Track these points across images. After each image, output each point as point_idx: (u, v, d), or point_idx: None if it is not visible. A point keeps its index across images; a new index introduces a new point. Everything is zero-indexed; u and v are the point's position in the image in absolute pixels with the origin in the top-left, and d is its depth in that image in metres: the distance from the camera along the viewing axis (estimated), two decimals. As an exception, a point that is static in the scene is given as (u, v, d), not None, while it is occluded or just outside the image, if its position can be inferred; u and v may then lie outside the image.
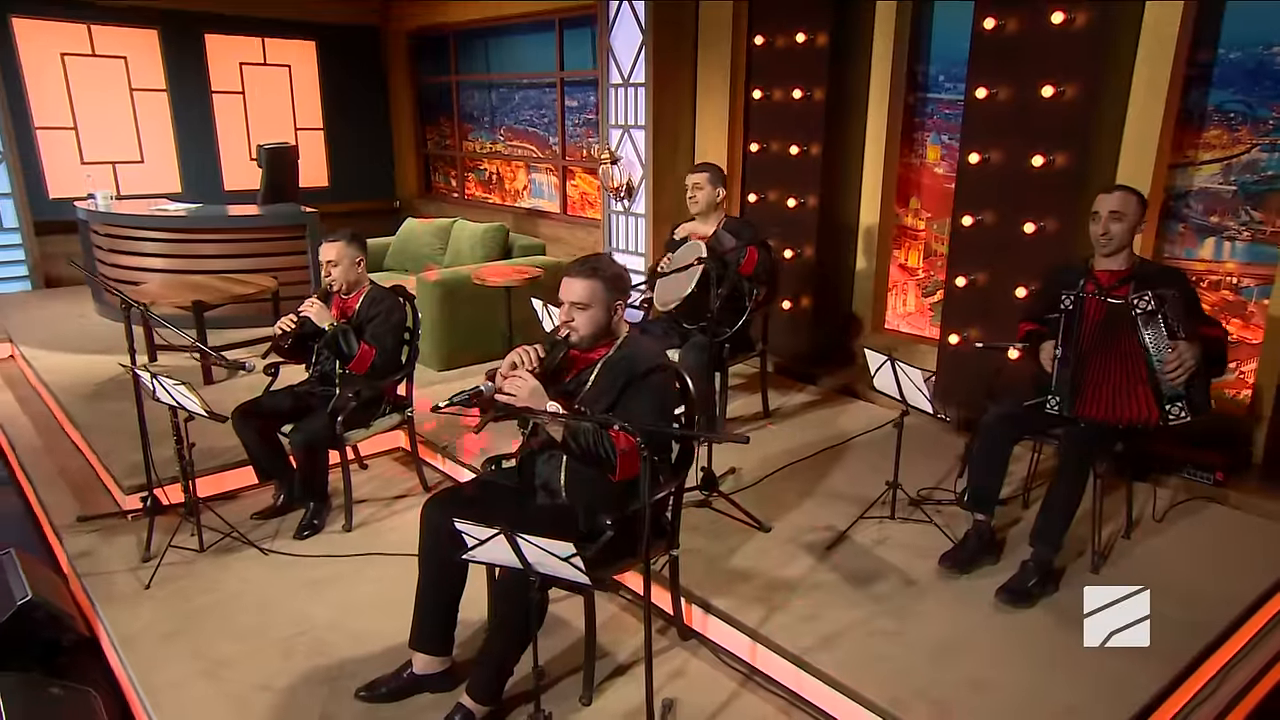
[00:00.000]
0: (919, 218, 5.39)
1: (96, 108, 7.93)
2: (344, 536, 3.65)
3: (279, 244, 6.35)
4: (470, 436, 4.26)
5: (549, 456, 2.72)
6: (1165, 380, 2.94)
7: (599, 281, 2.58)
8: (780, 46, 5.17)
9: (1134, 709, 2.42)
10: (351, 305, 3.73)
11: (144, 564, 3.43)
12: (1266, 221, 4.01)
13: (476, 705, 2.50)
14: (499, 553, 2.11)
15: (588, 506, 2.61)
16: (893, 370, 3.27)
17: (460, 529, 2.08)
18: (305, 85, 8.97)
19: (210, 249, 6.22)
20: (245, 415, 3.64)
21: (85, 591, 3.29)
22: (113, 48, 7.96)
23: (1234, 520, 3.54)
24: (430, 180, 9.61)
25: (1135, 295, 2.93)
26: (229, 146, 8.61)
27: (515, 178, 8.50)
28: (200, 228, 6.24)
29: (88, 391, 5.03)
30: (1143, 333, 2.94)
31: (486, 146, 8.74)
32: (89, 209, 6.60)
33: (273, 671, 2.79)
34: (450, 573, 2.68)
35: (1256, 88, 3.95)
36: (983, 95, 4.24)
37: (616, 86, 6.12)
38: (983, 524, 3.21)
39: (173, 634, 3.01)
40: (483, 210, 8.49)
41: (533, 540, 2.01)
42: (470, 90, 8.75)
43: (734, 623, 2.88)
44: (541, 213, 7.98)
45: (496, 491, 2.80)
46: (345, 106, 9.14)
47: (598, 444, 2.48)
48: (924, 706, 2.46)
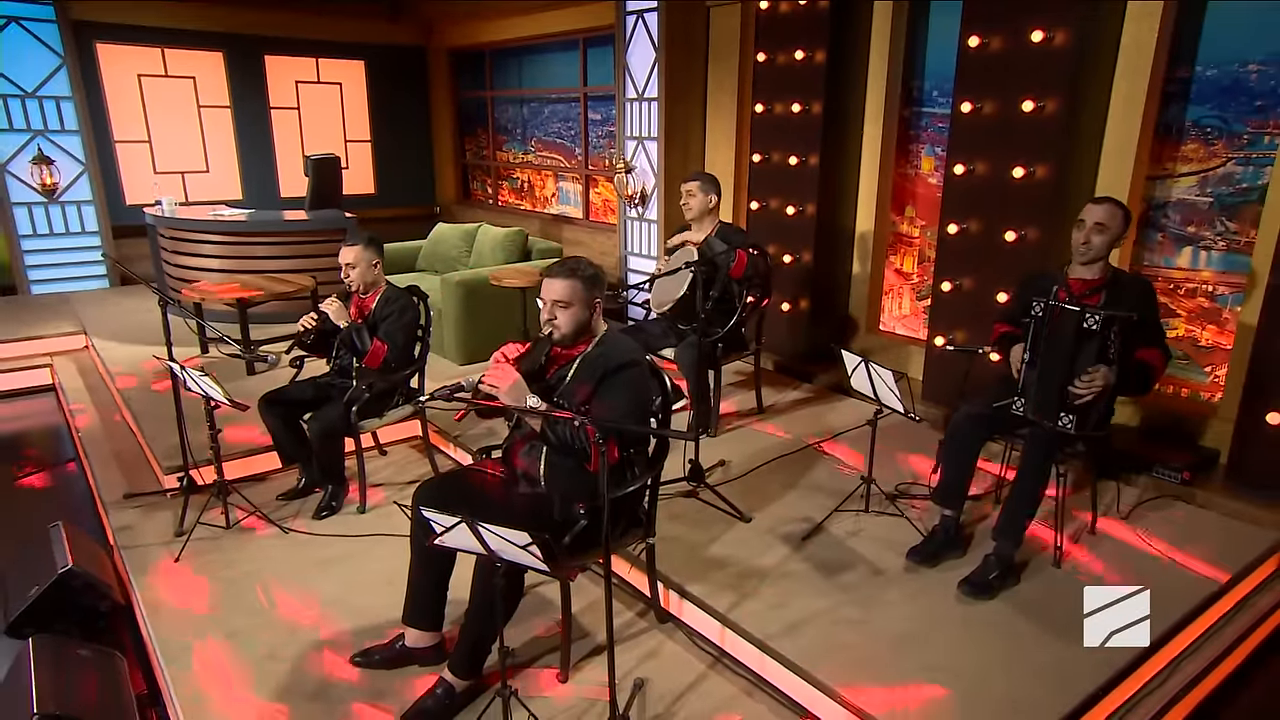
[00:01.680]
0: (914, 225, 5.26)
1: (168, 123, 8.07)
2: (358, 518, 3.67)
3: (321, 246, 6.39)
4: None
5: (530, 447, 2.69)
6: (1070, 391, 2.84)
7: (578, 281, 2.54)
8: (781, 63, 5.07)
9: (1078, 699, 2.33)
10: (369, 304, 3.74)
11: (176, 539, 3.48)
12: (1241, 232, 3.84)
13: (456, 679, 2.50)
14: (464, 540, 2.08)
15: (563, 496, 2.58)
16: (866, 371, 3.19)
17: (427, 516, 2.06)
18: (355, 101, 9.04)
19: (260, 250, 6.29)
20: (270, 404, 3.67)
21: (123, 562, 3.34)
22: (183, 69, 8.09)
23: (1198, 518, 3.39)
24: (469, 187, 9.64)
25: (1090, 310, 2.80)
26: (285, 157, 8.71)
27: (545, 186, 8.49)
28: (251, 231, 6.32)
29: (144, 380, 5.12)
30: (1081, 343, 2.83)
31: (519, 157, 8.74)
32: (156, 214, 6.72)
33: (280, 642, 2.81)
34: (437, 556, 2.66)
35: (1232, 103, 3.78)
36: (968, 110, 4.11)
37: (632, 100, 6.07)
38: (950, 519, 3.12)
39: (192, 604, 3.04)
40: (514, 216, 8.49)
41: (492, 529, 1.98)
42: (504, 104, 8.75)
43: (706, 608, 2.83)
44: (567, 219, 7.96)
45: (483, 480, 2.78)
46: (391, 120, 9.20)
47: (574, 436, 2.45)
48: (877, 692, 2.39)
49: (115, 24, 7.57)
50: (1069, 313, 2.85)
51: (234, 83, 8.31)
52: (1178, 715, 2.59)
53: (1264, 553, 3.12)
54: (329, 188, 6.84)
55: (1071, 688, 2.36)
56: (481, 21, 8.29)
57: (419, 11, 8.91)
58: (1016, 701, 2.33)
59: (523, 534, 1.97)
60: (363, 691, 2.59)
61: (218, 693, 2.57)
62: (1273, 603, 3.05)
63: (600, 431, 2.16)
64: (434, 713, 2.44)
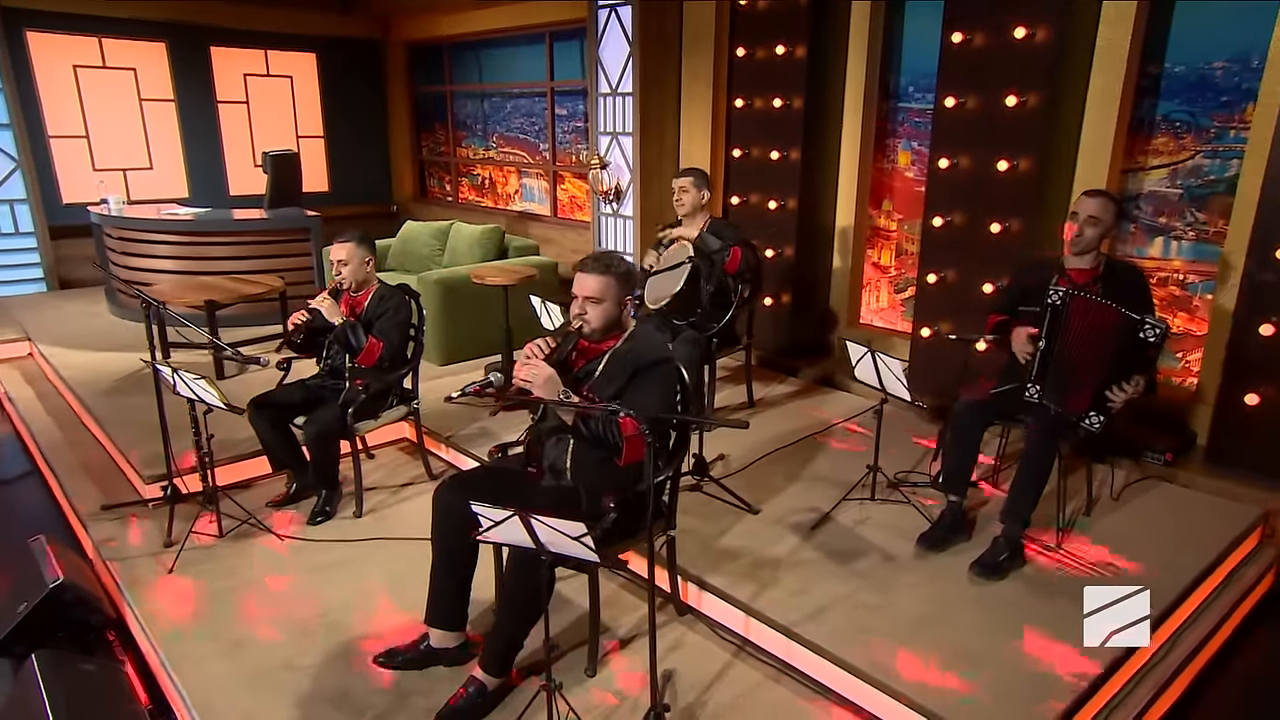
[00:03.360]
0: (891, 219, 5.43)
1: (107, 117, 7.81)
2: (354, 522, 3.64)
3: (284, 246, 6.30)
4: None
5: (556, 440, 2.73)
6: (1108, 396, 2.99)
7: (611, 277, 2.60)
8: (760, 58, 5.18)
9: (1100, 668, 2.48)
10: (361, 302, 3.72)
11: (166, 549, 3.41)
12: (1209, 222, 4.09)
13: (488, 677, 2.52)
14: (512, 533, 2.12)
15: (591, 489, 2.63)
16: (873, 361, 3.31)
17: (476, 510, 2.09)
18: (307, 95, 8.88)
19: (219, 251, 6.16)
20: (259, 408, 3.62)
21: (112, 575, 3.26)
22: (123, 60, 7.84)
23: (1183, 497, 3.61)
24: (425, 185, 9.56)
25: (1149, 323, 2.91)
26: (233, 153, 8.52)
27: (507, 182, 8.47)
28: (210, 231, 6.18)
29: (105, 387, 4.97)
30: (1130, 351, 2.96)
31: (479, 153, 8.71)
32: (102, 213, 6.51)
33: (294, 650, 2.79)
34: (461, 552, 2.69)
35: (1199, 99, 4.03)
36: (951, 104, 4.28)
37: (605, 95, 6.11)
38: (955, 504, 3.26)
39: (195, 615, 2.99)
40: (476, 213, 8.45)
41: (546, 520, 2.02)
42: (464, 100, 8.70)
43: (728, 598, 2.91)
44: (533, 215, 7.96)
45: (504, 475, 2.81)
46: (345, 115, 9.06)
47: (606, 429, 2.50)
48: (906, 671, 2.50)
49: (48, 11, 7.29)
50: (1128, 319, 2.94)
51: (178, 75, 8.09)
52: (1183, 681, 2.77)
53: (1248, 528, 3.33)
54: (289, 185, 6.72)
55: (1094, 656, 2.50)
56: (439, 15, 8.24)
57: (373, 4, 8.80)
58: (1041, 675, 2.47)
59: (577, 525, 2.02)
60: (389, 695, 2.59)
61: (236, 703, 2.54)
62: (1258, 573, 3.27)
63: (644, 424, 2.21)
64: (468, 713, 2.47)
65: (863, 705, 2.54)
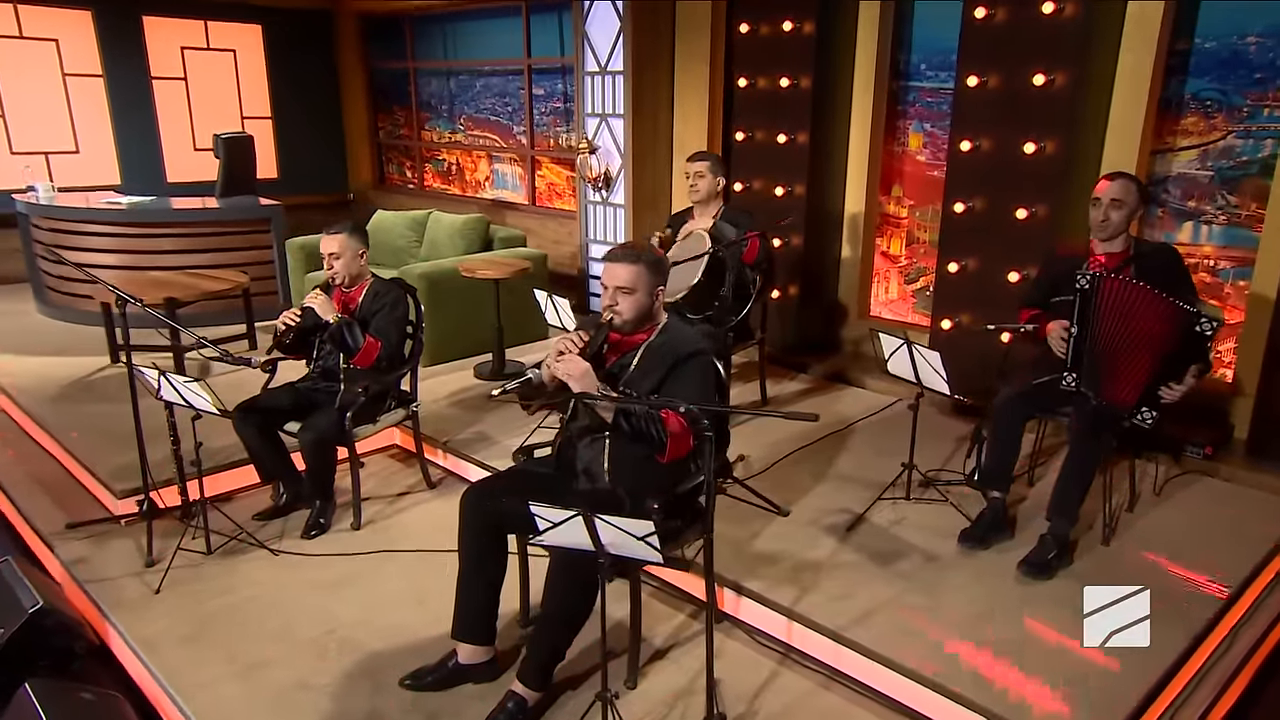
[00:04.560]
0: (901, 205, 5.61)
1: (26, 94, 7.68)
2: (353, 535, 3.69)
3: (240, 238, 6.28)
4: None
5: (590, 441, 2.82)
6: (1161, 391, 3.16)
7: (642, 266, 2.70)
8: (765, 34, 5.32)
9: (1163, 668, 2.64)
10: (355, 298, 3.76)
11: (149, 569, 3.42)
12: (1241, 206, 4.32)
13: (529, 691, 2.60)
14: (571, 535, 2.20)
15: (633, 491, 2.72)
16: (909, 353, 3.45)
17: (535, 512, 2.17)
18: (252, 71, 8.81)
19: (168, 244, 6.12)
20: (246, 413, 3.64)
21: (90, 598, 3.27)
22: (42, 29, 7.71)
23: (1226, 492, 3.82)
24: (384, 171, 9.55)
25: (1206, 317, 3.04)
26: (171, 135, 8.43)
27: (477, 168, 8.51)
28: (159, 222, 6.14)
29: (52, 394, 4.93)
30: (1187, 345, 3.10)
31: (445, 136, 8.73)
32: (30, 202, 6.42)
33: (309, 670, 2.84)
34: (491, 561, 2.78)
35: (1231, 76, 4.25)
36: (974, 83, 4.45)
37: (593, 74, 6.21)
38: (997, 501, 3.42)
39: (193, 637, 3.02)
40: (443, 202, 8.46)
41: (611, 520, 2.11)
42: (427, 78, 8.72)
43: (768, 603, 3.02)
44: (508, 204, 8.01)
45: (533, 479, 2.89)
46: (295, 94, 9.00)
47: (649, 425, 2.60)
48: (965, 675, 2.63)
49: (-46, -26, 7.17)
50: (1187, 313, 3.07)
51: (106, 47, 7.98)
52: (1242, 680, 2.95)
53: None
54: (243, 171, 6.70)
55: (1158, 656, 2.67)
56: (399, -16, 8.26)
57: (323, -29, 8.79)
58: (1103, 673, 2.62)
59: (644, 523, 2.11)
60: (417, 715, 2.65)
61: (257, 727, 2.59)
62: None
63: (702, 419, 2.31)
64: (509, 729, 2.55)
65: (920, 710, 2.67)
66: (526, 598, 3.09)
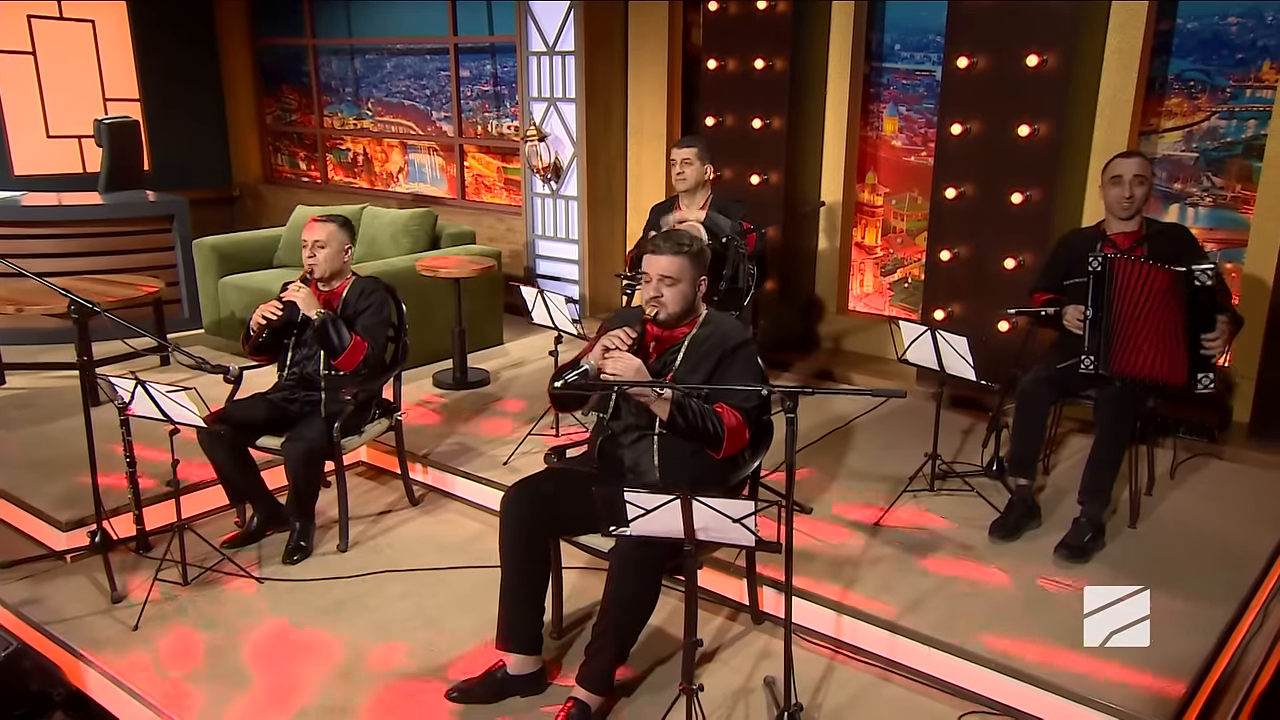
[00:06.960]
0: (876, 193, 6.08)
1: None
2: (341, 558, 3.83)
3: (135, 239, 6.25)
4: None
5: (637, 438, 3.08)
6: (1203, 350, 3.60)
7: (685, 257, 2.99)
8: (736, 12, 5.70)
9: (1210, 643, 3.08)
10: (337, 295, 3.90)
11: (116, 605, 3.48)
12: (1226, 187, 4.92)
13: (590, 695, 2.82)
14: (661, 521, 2.46)
15: (690, 484, 2.99)
16: (933, 340, 3.85)
17: (629, 499, 2.42)
18: (115, 47, 8.69)
19: (50, 246, 6.04)
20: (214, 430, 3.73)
21: (58, 640, 3.31)
22: None
23: (1236, 472, 4.37)
24: (272, 163, 9.53)
25: (1199, 268, 3.50)
26: (18, 120, 8.22)
27: (388, 159, 8.62)
28: (37, 221, 6.06)
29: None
30: (1192, 301, 3.55)
31: (349, 123, 8.82)
32: None
33: (341, 695, 2.99)
34: (536, 566, 3.01)
35: (1214, 57, 4.85)
36: (964, 64, 4.93)
37: (539, 54, 6.47)
38: (1025, 488, 3.83)
39: (196, 674, 3.12)
40: (349, 196, 8.50)
41: (710, 502, 2.39)
42: (326, 57, 8.79)
43: (817, 599, 3.34)
44: (429, 198, 8.14)
45: (574, 479, 3.12)
46: (167, 73, 8.91)
47: (705, 419, 2.88)
48: (1027, 656, 3.01)
49: None
50: (1176, 273, 3.53)
51: (-62, 19, 7.79)
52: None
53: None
54: (130, 161, 6.66)
55: (1204, 631, 3.11)
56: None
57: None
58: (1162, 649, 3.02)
59: (744, 503, 2.40)
60: (470, 732, 2.86)
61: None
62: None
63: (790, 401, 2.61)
64: (576, 738, 2.77)
65: (984, 694, 3.02)
66: (560, 607, 3.31)
